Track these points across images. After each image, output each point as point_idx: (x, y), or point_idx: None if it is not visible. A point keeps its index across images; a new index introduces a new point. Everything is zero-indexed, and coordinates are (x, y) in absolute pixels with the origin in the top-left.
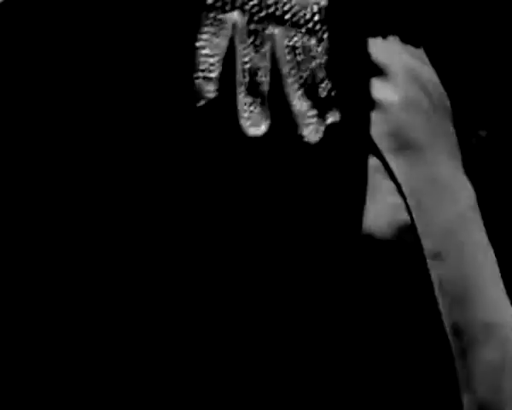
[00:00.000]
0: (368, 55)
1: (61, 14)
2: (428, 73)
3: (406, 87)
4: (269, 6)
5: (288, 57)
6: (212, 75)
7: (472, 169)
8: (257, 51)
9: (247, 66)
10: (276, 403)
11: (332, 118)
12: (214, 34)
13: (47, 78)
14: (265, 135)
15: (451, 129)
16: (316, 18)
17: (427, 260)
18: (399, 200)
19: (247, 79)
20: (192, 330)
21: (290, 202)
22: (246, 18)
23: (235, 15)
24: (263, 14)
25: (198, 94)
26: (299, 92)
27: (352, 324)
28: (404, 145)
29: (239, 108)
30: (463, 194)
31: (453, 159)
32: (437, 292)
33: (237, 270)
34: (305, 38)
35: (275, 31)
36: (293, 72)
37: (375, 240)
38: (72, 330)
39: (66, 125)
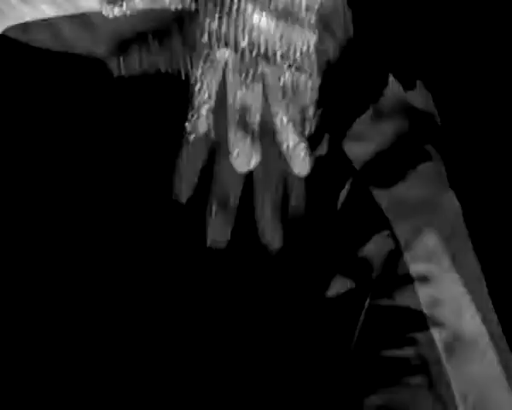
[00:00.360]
0: (357, 88)
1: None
2: (421, 99)
3: (396, 119)
4: (260, 45)
5: (279, 94)
6: (205, 111)
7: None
8: (248, 89)
9: (239, 103)
10: (274, 402)
11: (320, 151)
12: (207, 71)
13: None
14: (255, 170)
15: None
16: (305, 55)
17: (415, 283)
18: (387, 231)
19: (238, 116)
20: (191, 332)
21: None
22: (238, 56)
23: (227, 54)
24: (254, 53)
25: (190, 129)
26: (289, 127)
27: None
28: (391, 175)
29: (230, 143)
30: (450, 210)
31: (439, 176)
32: (425, 311)
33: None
34: (295, 76)
35: (266, 69)
36: (283, 108)
37: (364, 267)
38: (72, 330)
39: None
